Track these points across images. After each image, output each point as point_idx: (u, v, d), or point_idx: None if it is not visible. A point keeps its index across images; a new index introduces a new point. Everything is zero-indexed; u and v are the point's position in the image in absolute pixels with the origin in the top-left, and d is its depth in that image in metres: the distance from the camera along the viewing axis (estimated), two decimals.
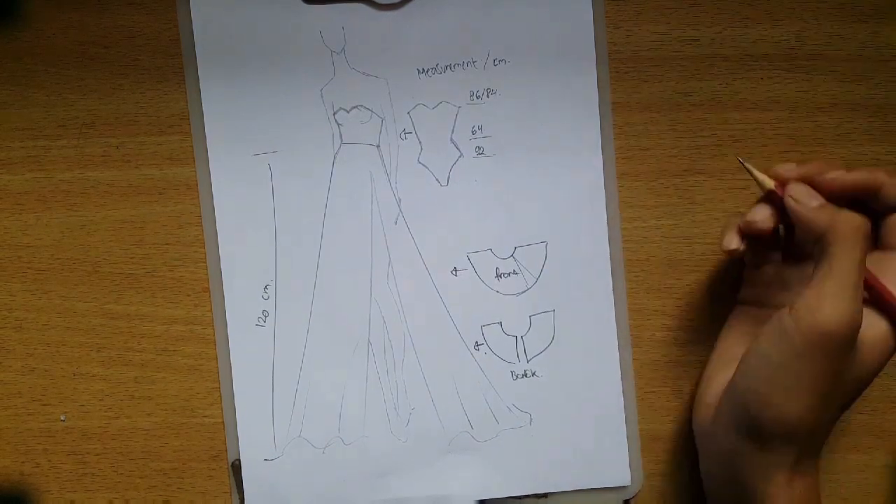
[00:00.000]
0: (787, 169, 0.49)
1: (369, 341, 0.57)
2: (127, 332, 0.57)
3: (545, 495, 0.57)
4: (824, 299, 0.45)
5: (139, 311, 0.57)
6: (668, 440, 0.58)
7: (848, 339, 0.45)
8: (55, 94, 0.57)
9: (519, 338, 0.57)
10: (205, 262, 0.57)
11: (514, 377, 0.57)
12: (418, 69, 0.56)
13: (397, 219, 0.57)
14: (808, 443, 0.48)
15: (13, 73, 0.57)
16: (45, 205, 0.57)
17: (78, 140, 0.57)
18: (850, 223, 0.46)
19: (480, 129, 0.56)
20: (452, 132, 0.57)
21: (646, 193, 0.57)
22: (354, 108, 0.56)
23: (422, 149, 0.57)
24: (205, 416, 0.58)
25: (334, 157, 0.57)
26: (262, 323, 0.57)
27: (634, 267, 0.58)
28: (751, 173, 0.50)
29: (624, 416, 0.57)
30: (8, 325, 0.58)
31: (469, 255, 0.57)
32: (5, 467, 0.58)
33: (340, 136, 0.56)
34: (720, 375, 0.52)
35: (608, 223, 0.57)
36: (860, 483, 0.58)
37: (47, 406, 0.58)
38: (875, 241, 0.50)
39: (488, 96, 0.56)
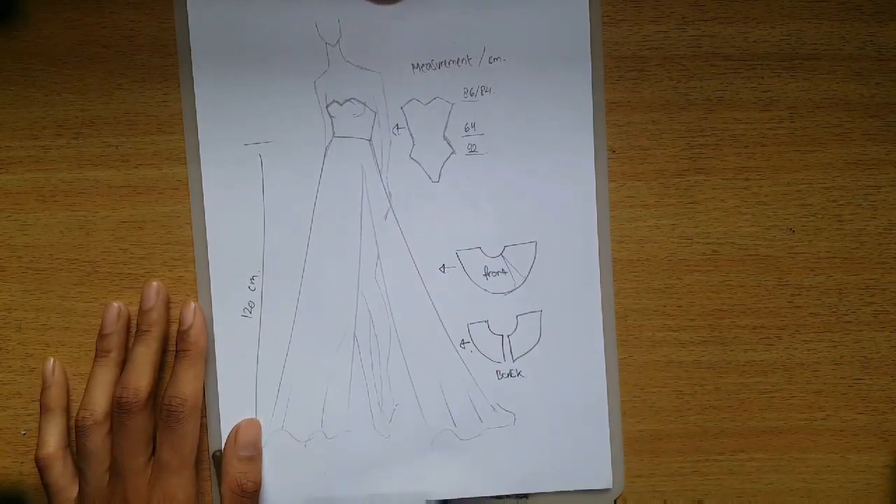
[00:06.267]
0: None
1: (355, 335, 0.56)
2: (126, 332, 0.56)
3: (525, 496, 0.56)
4: None
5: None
6: (668, 440, 0.57)
7: None
8: (54, 94, 0.55)
9: (505, 337, 0.56)
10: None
11: (500, 376, 0.56)
12: (413, 64, 0.55)
13: (387, 214, 0.55)
14: None
15: (12, 73, 0.55)
16: (45, 205, 0.56)
17: (77, 140, 0.56)
18: None
19: (474, 126, 0.55)
20: (445, 128, 0.55)
21: (646, 193, 0.56)
22: (348, 101, 0.55)
23: (414, 144, 0.55)
24: None
25: (326, 150, 0.55)
26: (248, 314, 0.55)
27: (635, 267, 0.56)
28: None
29: (608, 418, 0.56)
30: (8, 326, 0.56)
31: (458, 252, 0.56)
32: (5, 467, 0.57)
33: (333, 128, 0.55)
34: None
35: (598, 224, 0.56)
36: (860, 483, 0.57)
37: None
38: None
39: (483, 94, 0.55)
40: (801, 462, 0.57)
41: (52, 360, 0.56)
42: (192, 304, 0.55)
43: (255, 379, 0.55)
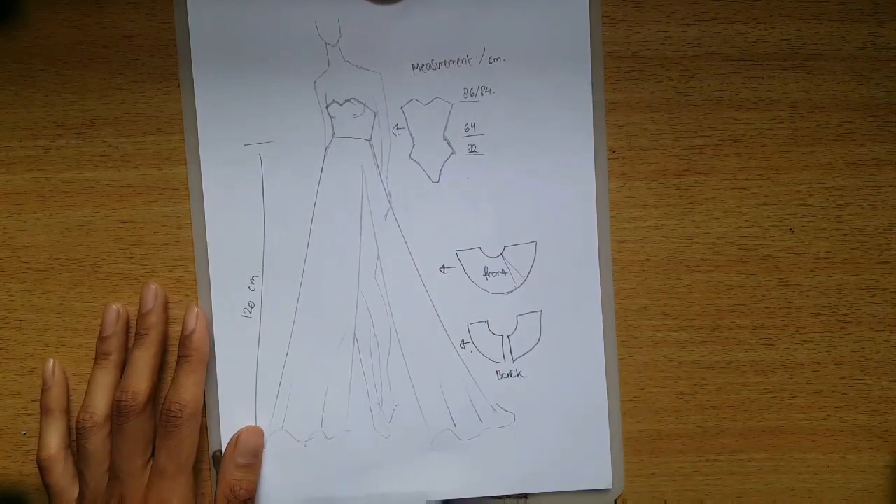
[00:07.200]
0: None
1: (355, 336, 0.55)
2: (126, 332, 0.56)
3: (526, 496, 0.56)
4: None
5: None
6: (668, 440, 0.57)
7: None
8: (54, 94, 0.55)
9: (505, 337, 0.56)
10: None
11: (500, 376, 0.56)
12: (413, 64, 0.55)
13: (387, 214, 0.55)
14: None
15: (12, 73, 0.55)
16: (45, 205, 0.56)
17: (77, 140, 0.55)
18: None
19: (473, 126, 0.55)
20: (445, 129, 0.55)
21: (646, 193, 0.56)
22: (348, 101, 0.55)
23: (414, 144, 0.55)
24: None
25: (326, 150, 0.55)
26: (248, 314, 0.55)
27: (635, 267, 0.56)
28: None
29: (608, 419, 0.56)
30: (8, 325, 0.56)
31: (458, 252, 0.55)
32: (5, 467, 0.57)
33: (333, 128, 0.55)
34: None
35: (598, 224, 0.55)
36: (860, 483, 0.57)
37: None
38: None
39: (482, 94, 0.55)
40: (801, 462, 0.57)
41: (51, 361, 0.55)
42: (195, 310, 0.54)
43: (255, 379, 0.55)
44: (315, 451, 0.55)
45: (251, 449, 0.54)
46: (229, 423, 0.55)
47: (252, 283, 0.55)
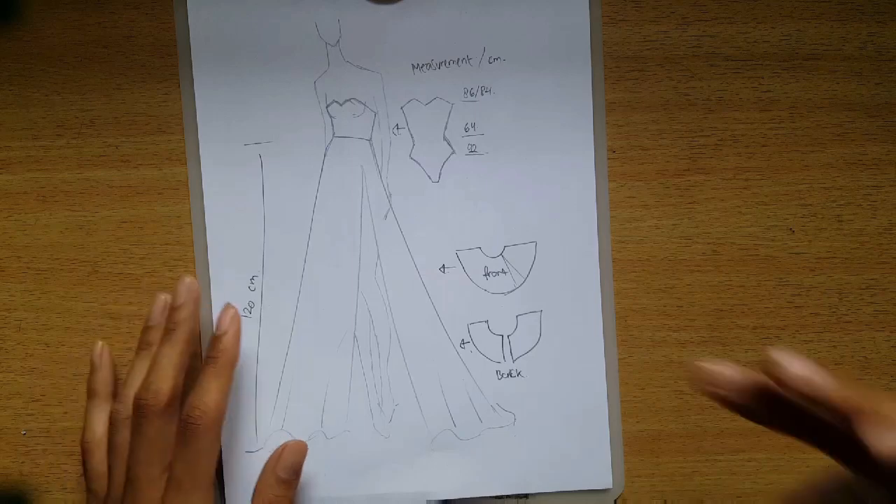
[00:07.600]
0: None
1: (355, 336, 0.55)
2: (126, 333, 0.56)
3: (525, 496, 0.56)
4: None
5: (139, 311, 0.56)
6: (668, 440, 0.56)
7: None
8: (54, 94, 0.55)
9: (505, 337, 0.56)
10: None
11: (500, 376, 0.56)
12: (413, 64, 0.55)
13: (387, 214, 0.55)
14: None
15: (13, 73, 0.55)
16: (45, 205, 0.56)
17: (77, 140, 0.55)
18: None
19: (474, 126, 0.55)
20: (445, 129, 0.55)
21: (646, 193, 0.56)
22: (348, 101, 0.55)
23: (414, 144, 0.55)
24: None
25: (326, 150, 0.55)
26: (248, 314, 0.55)
27: (635, 267, 0.56)
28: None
29: (608, 419, 0.56)
30: (8, 325, 0.56)
31: (458, 252, 0.55)
32: (5, 467, 0.57)
33: (333, 128, 0.55)
34: None
35: (598, 224, 0.55)
36: None
37: (47, 406, 0.56)
38: None
39: (483, 94, 0.55)
40: (801, 462, 0.56)
41: (100, 343, 0.54)
42: (231, 310, 0.53)
43: (255, 379, 0.55)
44: (315, 452, 0.55)
45: (292, 465, 0.53)
46: (229, 423, 0.55)
47: (252, 283, 0.55)
